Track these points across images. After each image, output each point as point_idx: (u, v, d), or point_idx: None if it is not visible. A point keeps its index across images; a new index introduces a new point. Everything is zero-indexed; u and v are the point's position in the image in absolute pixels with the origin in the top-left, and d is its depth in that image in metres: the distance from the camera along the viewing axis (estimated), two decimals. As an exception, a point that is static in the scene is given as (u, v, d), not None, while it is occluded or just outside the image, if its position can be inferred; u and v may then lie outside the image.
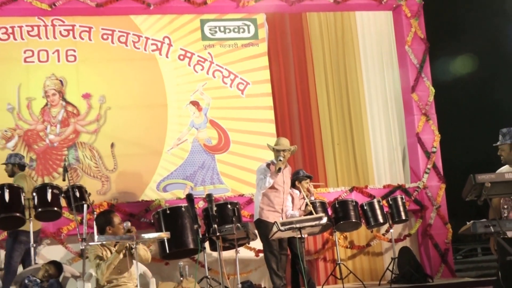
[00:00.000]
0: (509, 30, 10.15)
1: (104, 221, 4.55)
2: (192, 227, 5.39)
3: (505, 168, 4.21)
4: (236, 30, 7.44)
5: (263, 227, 5.23)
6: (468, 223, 3.88)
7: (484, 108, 11.43)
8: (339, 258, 6.36)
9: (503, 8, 9.66)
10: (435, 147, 7.28)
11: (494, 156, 4.39)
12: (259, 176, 5.73)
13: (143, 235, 4.33)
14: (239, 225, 5.09)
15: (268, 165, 5.69)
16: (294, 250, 5.58)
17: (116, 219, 4.58)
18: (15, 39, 6.79)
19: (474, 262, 10.94)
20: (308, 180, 6.10)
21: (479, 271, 9.13)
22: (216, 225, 4.66)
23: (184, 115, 7.16)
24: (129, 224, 4.43)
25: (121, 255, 4.36)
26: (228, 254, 5.48)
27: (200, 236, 5.04)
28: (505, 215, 4.19)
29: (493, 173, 3.96)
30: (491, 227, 3.75)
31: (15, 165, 5.85)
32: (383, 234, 6.97)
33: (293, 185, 5.95)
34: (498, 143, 4.31)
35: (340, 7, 7.49)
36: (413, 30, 7.45)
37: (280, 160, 5.60)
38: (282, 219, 5.11)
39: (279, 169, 5.55)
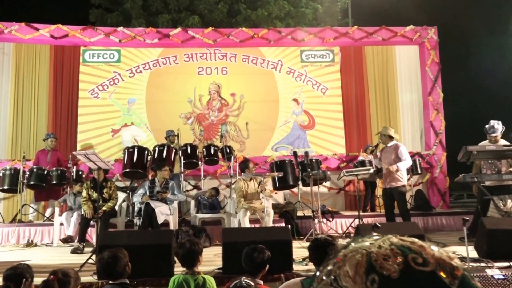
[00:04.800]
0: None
1: (244, 166, 6.10)
2: (292, 172, 6.78)
3: (485, 143, 5.32)
4: (321, 56, 9.41)
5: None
6: (460, 175, 4.87)
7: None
8: (378, 194, 7.88)
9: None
10: (442, 130, 8.98)
11: (478, 135, 5.41)
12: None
13: (266, 173, 6.06)
14: (321, 171, 6.90)
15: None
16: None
17: (250, 164, 6.16)
18: (192, 60, 9.18)
19: (462, 202, 13.44)
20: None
21: (464, 208, 10.64)
22: (308, 171, 5.88)
23: (289, 107, 9.17)
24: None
25: None
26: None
27: (299, 176, 6.63)
28: (484, 171, 5.24)
29: (477, 145, 4.91)
30: (475, 178, 4.74)
31: (176, 136, 7.11)
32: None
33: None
34: (493, 135, 5.16)
35: (386, 43, 9.35)
36: (431, 57, 9.19)
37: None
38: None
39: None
